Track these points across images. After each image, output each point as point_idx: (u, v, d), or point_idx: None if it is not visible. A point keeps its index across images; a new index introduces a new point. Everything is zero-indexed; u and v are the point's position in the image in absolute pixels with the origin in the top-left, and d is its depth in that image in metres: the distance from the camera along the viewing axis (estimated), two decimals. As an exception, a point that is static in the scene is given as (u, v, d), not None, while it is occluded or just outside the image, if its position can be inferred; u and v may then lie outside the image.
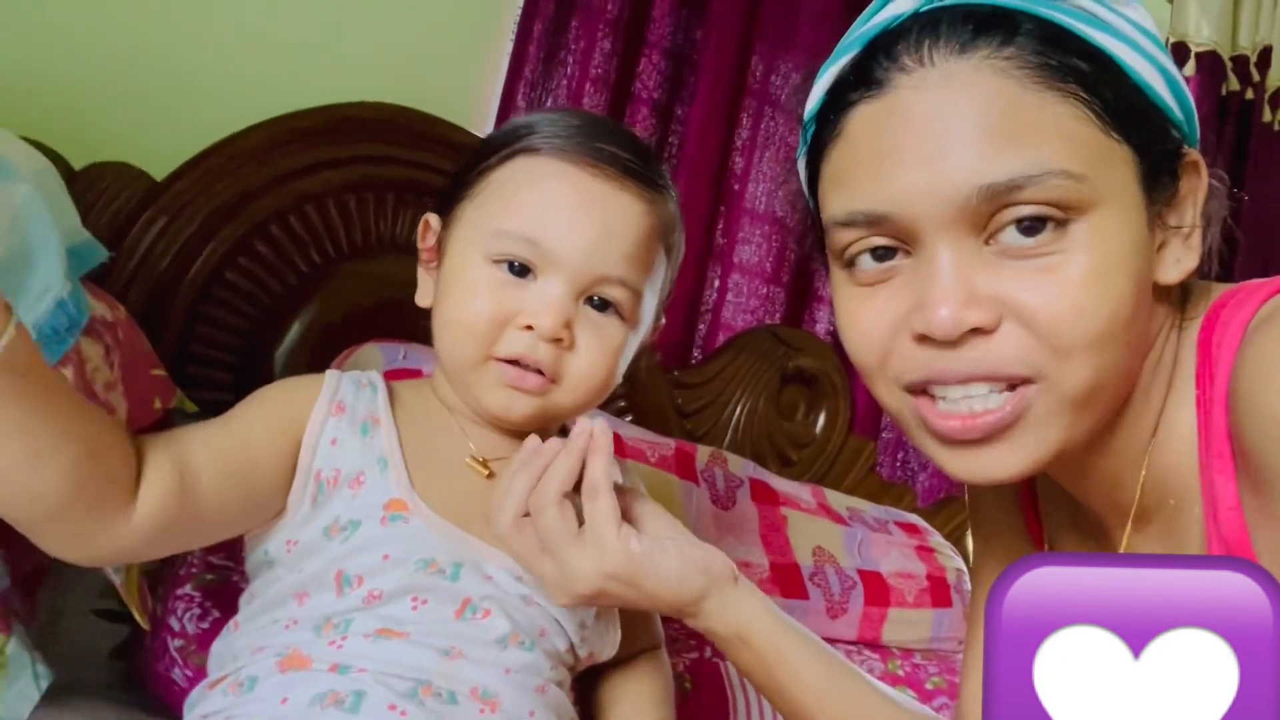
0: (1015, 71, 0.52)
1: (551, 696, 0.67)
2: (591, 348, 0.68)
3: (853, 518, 1.41)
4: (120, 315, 0.93)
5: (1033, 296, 0.52)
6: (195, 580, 0.93)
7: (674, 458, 1.30)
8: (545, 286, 0.67)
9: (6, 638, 0.72)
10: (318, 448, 0.66)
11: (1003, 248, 0.53)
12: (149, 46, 1.29)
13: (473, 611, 0.65)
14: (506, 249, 0.67)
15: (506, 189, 0.69)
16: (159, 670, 0.90)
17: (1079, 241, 0.52)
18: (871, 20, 0.57)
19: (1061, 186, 0.51)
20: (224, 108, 1.26)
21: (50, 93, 1.22)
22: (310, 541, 0.65)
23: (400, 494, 0.66)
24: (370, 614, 0.63)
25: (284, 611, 0.64)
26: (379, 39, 1.45)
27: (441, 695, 0.61)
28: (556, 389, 0.68)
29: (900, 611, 1.30)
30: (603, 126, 0.72)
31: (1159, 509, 0.60)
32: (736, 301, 1.69)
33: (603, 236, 0.67)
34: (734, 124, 1.67)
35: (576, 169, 0.68)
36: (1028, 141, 0.52)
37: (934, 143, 0.53)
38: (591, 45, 1.54)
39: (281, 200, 1.21)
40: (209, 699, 0.64)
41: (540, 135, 0.69)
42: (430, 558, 0.65)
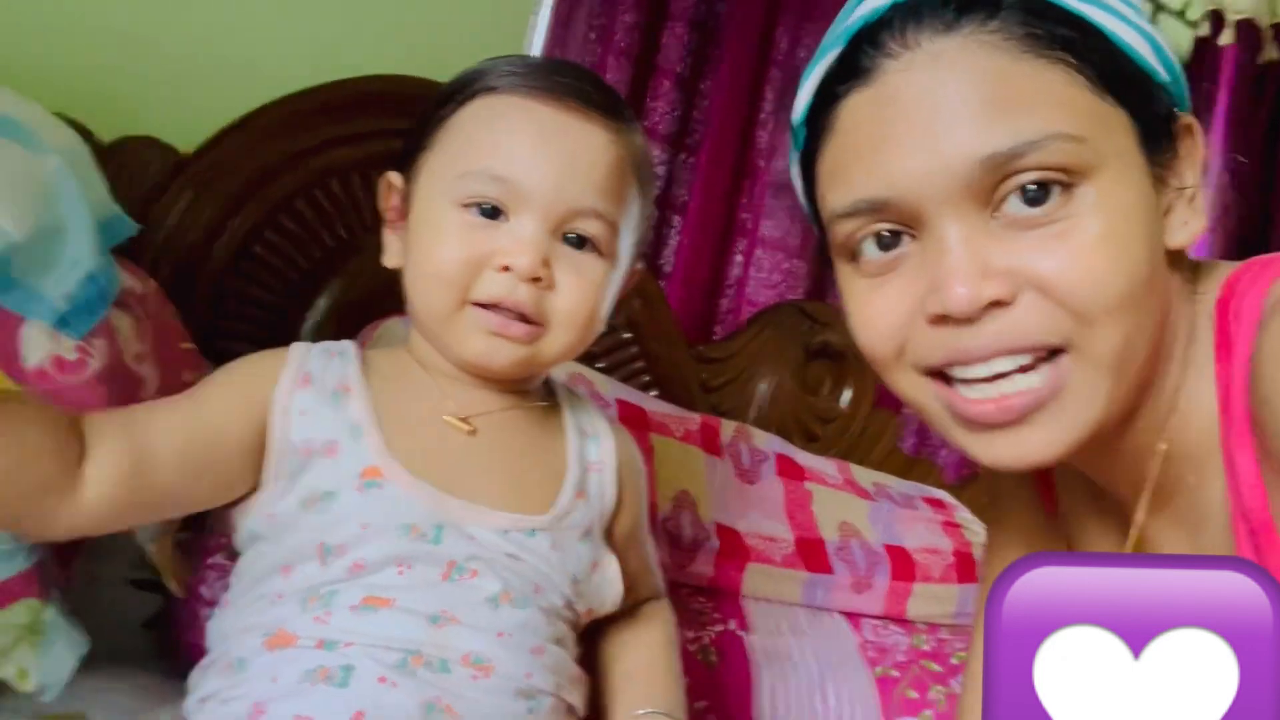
0: (1002, 44, 0.52)
1: (550, 657, 0.66)
2: (573, 285, 0.66)
3: (879, 493, 1.41)
4: (150, 288, 0.95)
5: (1048, 264, 0.51)
6: (226, 550, 0.95)
7: (699, 432, 1.30)
8: (518, 225, 0.64)
9: (45, 606, 0.74)
10: (288, 421, 0.65)
11: (1010, 219, 0.52)
12: (175, 21, 1.29)
13: (460, 573, 0.63)
14: (475, 190, 0.64)
15: (467, 130, 0.67)
16: (191, 639, 0.92)
17: (1087, 205, 0.52)
18: (852, 15, 0.57)
19: (1063, 150, 0.51)
20: (249, 81, 1.26)
21: (78, 68, 1.23)
22: (287, 515, 0.64)
23: (375, 460, 0.64)
24: (355, 584, 0.62)
25: (270, 585, 0.63)
26: (402, 13, 1.45)
27: (433, 664, 0.60)
28: (545, 333, 0.66)
29: (926, 587, 1.30)
30: (559, 62, 0.71)
31: (1179, 487, 0.59)
32: (760, 276, 1.67)
33: (571, 168, 0.65)
34: (758, 97, 1.65)
35: (538, 103, 0.66)
36: (1023, 109, 0.51)
37: (929, 122, 0.52)
38: (614, 18, 1.52)
39: (307, 174, 1.22)
40: (205, 681, 0.64)
41: (496, 75, 0.67)
42: (410, 522, 0.63)
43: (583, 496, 0.72)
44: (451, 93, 0.69)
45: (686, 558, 1.17)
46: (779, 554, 1.23)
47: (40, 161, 0.78)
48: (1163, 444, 0.57)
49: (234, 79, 1.31)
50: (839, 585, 1.24)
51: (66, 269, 0.76)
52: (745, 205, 1.66)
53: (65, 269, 0.76)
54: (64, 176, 0.78)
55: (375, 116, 1.26)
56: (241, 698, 0.60)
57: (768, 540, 1.23)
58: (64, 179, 0.78)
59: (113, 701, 0.82)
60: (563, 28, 1.50)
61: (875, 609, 1.27)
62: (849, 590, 1.25)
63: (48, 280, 0.74)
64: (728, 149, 1.62)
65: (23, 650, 0.72)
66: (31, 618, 0.73)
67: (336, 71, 1.25)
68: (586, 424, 0.76)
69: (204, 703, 0.63)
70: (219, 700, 0.62)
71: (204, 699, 0.63)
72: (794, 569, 1.22)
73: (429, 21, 1.46)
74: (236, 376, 0.68)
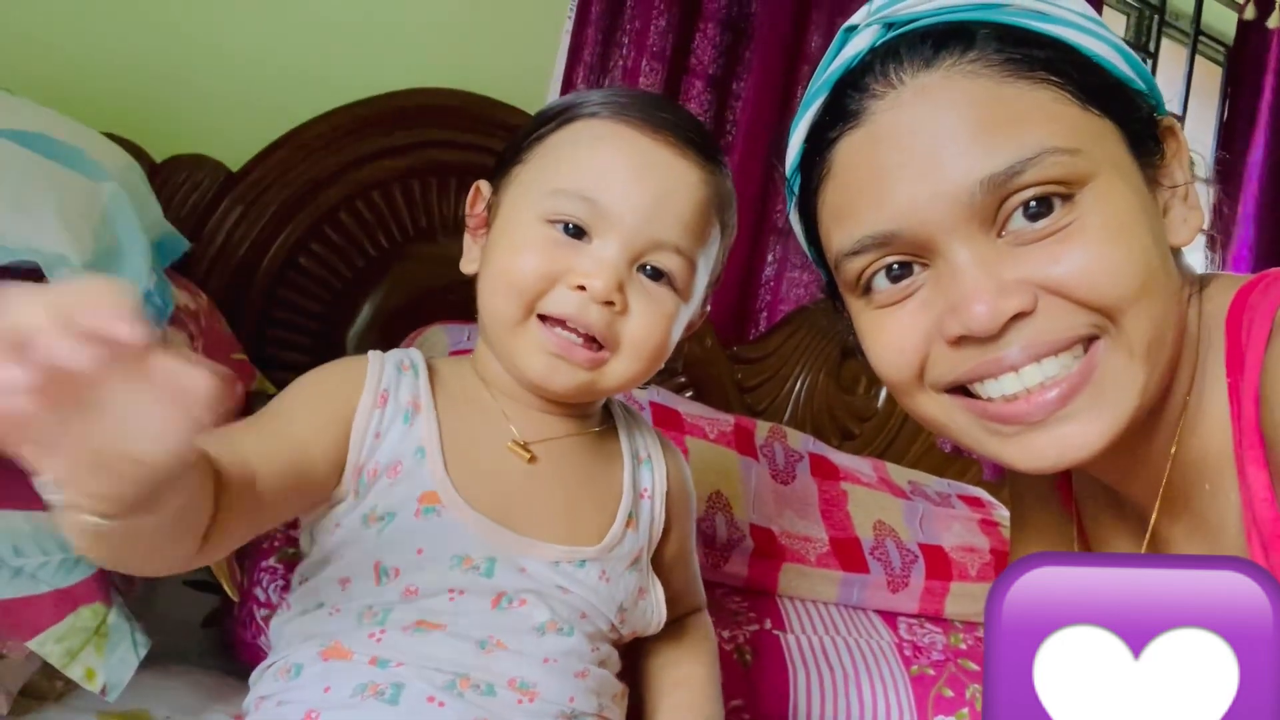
0: (984, 71, 0.54)
1: (593, 680, 0.67)
2: (645, 312, 0.65)
3: (914, 491, 1.40)
4: (202, 303, 0.98)
5: (1060, 268, 0.52)
6: (279, 554, 0.98)
7: (733, 433, 1.31)
8: (600, 248, 0.64)
9: (108, 608, 0.77)
10: (364, 443, 0.64)
11: (1016, 236, 0.53)
12: (221, 41, 1.33)
13: (509, 601, 0.64)
14: (562, 208, 0.64)
15: (564, 149, 0.67)
16: (246, 638, 0.96)
17: (1088, 208, 0.52)
18: (832, 65, 0.58)
19: (1059, 163, 0.52)
20: (293, 98, 1.30)
21: (130, 87, 1.28)
22: (350, 529, 0.64)
23: (434, 486, 0.64)
24: (409, 607, 0.63)
25: (329, 595, 0.64)
26: (440, 26, 1.47)
27: (480, 687, 0.61)
28: (611, 358, 0.66)
29: (963, 585, 1.29)
30: (661, 98, 0.71)
31: (1196, 493, 0.60)
32: (793, 275, 1.68)
33: (660, 201, 0.65)
34: (789, 95, 1.64)
35: (636, 132, 0.66)
36: (1015, 129, 0.52)
37: (924, 153, 0.53)
38: (648, 21, 1.54)
39: (349, 187, 1.25)
40: (264, 681, 0.66)
41: (597, 102, 0.68)
42: (464, 553, 0.64)
43: (633, 525, 0.72)
44: (554, 114, 0.69)
45: (721, 558, 1.18)
46: (814, 554, 1.23)
47: (99, 188, 0.82)
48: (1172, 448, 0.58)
49: (278, 95, 1.34)
50: (874, 584, 1.24)
51: (124, 290, 0.79)
52: (778, 204, 1.66)
53: (123, 290, 0.79)
54: (120, 201, 0.82)
55: (415, 128, 1.29)
56: (296, 702, 0.62)
57: (803, 540, 1.24)
58: (120, 204, 0.82)
59: (172, 699, 0.85)
60: (599, 36, 1.51)
61: (911, 608, 1.27)
62: (885, 589, 1.25)
63: (107, 300, 0.78)
64: (760, 148, 1.62)
65: (89, 652, 0.75)
66: (97, 621, 0.76)
67: (376, 84, 1.29)
68: (641, 448, 0.76)
69: (261, 701, 0.65)
70: (275, 702, 0.64)
71: (262, 698, 0.66)
72: (829, 569, 1.23)
73: (467, 31, 1.49)
74: (320, 394, 0.66)
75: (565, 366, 0.64)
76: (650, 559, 0.75)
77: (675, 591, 0.77)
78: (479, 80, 1.37)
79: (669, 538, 0.76)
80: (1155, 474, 0.60)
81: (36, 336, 0.33)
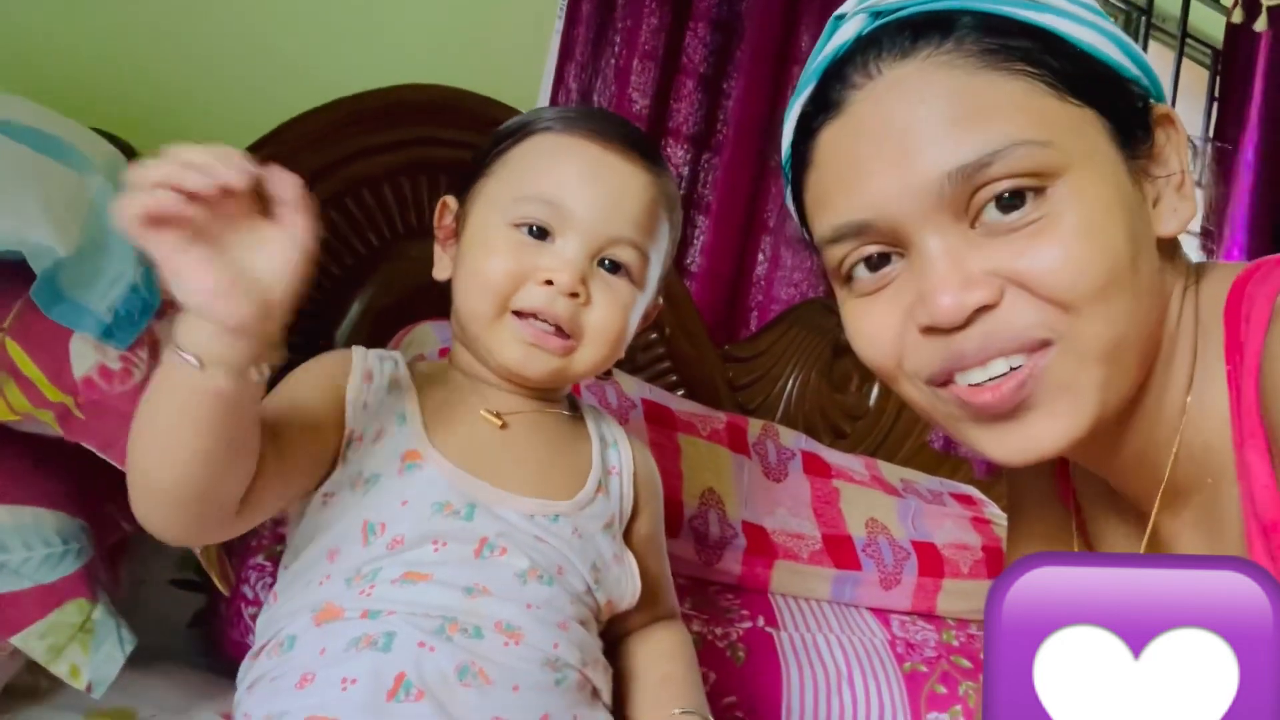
0: (960, 62, 0.54)
1: (574, 633, 0.70)
2: (606, 304, 0.72)
3: (906, 489, 1.41)
4: (189, 299, 0.97)
5: (1027, 261, 0.53)
6: (266, 551, 0.97)
7: (725, 431, 1.31)
8: (563, 246, 0.71)
9: (93, 605, 0.77)
10: (356, 413, 0.71)
11: (989, 227, 0.54)
12: (210, 35, 1.32)
13: (490, 550, 0.68)
14: (527, 212, 0.71)
15: (525, 161, 0.74)
16: (233, 637, 0.95)
17: (1061, 203, 0.53)
18: (822, 52, 0.59)
19: (1029, 155, 0.52)
20: (282, 94, 1.29)
21: (116, 83, 1.27)
22: (339, 493, 0.69)
23: (415, 445, 0.70)
24: (395, 560, 0.66)
25: (317, 572, 0.67)
26: (431, 22, 1.47)
27: (467, 630, 0.65)
28: (578, 346, 0.72)
29: (955, 583, 1.30)
30: (606, 112, 0.80)
31: (1197, 487, 0.59)
32: (783, 274, 1.68)
33: (614, 201, 0.72)
34: (780, 95, 1.65)
35: (588, 142, 0.73)
36: (985, 120, 0.53)
37: (897, 145, 0.54)
38: (639, 20, 1.54)
39: (339, 184, 1.24)
40: (256, 666, 0.67)
41: (552, 118, 0.76)
42: (444, 500, 0.68)
43: (603, 492, 0.77)
44: (512, 130, 0.77)
45: (714, 556, 1.18)
46: (806, 551, 1.23)
47: (84, 179, 0.81)
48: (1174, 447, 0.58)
49: (267, 90, 1.34)
50: (867, 582, 1.25)
51: (110, 283, 0.78)
52: (768, 203, 1.67)
53: (109, 283, 0.78)
54: (107, 194, 0.81)
55: (404, 125, 1.28)
56: (290, 672, 0.64)
57: (795, 538, 1.24)
58: (108, 197, 0.81)
59: (159, 698, 0.85)
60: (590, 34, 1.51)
61: (904, 605, 1.27)
62: (877, 587, 1.25)
63: (93, 294, 0.77)
64: (750, 148, 1.63)
65: (74, 649, 0.75)
66: (82, 617, 0.76)
67: (366, 81, 1.28)
68: (608, 434, 0.82)
69: (253, 688, 0.66)
70: (268, 680, 0.65)
71: (253, 684, 0.66)
72: (822, 566, 1.23)
73: (458, 28, 1.48)
74: (318, 374, 0.73)
75: (540, 354, 0.71)
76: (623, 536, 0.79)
77: (650, 579, 0.80)
78: (470, 78, 1.36)
79: (639, 519, 0.81)
80: (1156, 472, 0.60)
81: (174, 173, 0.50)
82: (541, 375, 0.72)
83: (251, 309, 0.54)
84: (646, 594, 0.79)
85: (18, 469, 0.78)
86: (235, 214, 0.54)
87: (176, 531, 0.62)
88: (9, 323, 0.74)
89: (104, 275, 0.79)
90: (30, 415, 0.74)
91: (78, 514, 0.80)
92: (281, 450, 0.65)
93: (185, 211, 0.50)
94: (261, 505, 0.65)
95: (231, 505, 0.62)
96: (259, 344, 0.56)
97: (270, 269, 0.55)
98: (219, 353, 0.55)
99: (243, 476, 0.61)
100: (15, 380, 0.73)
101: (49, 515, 0.77)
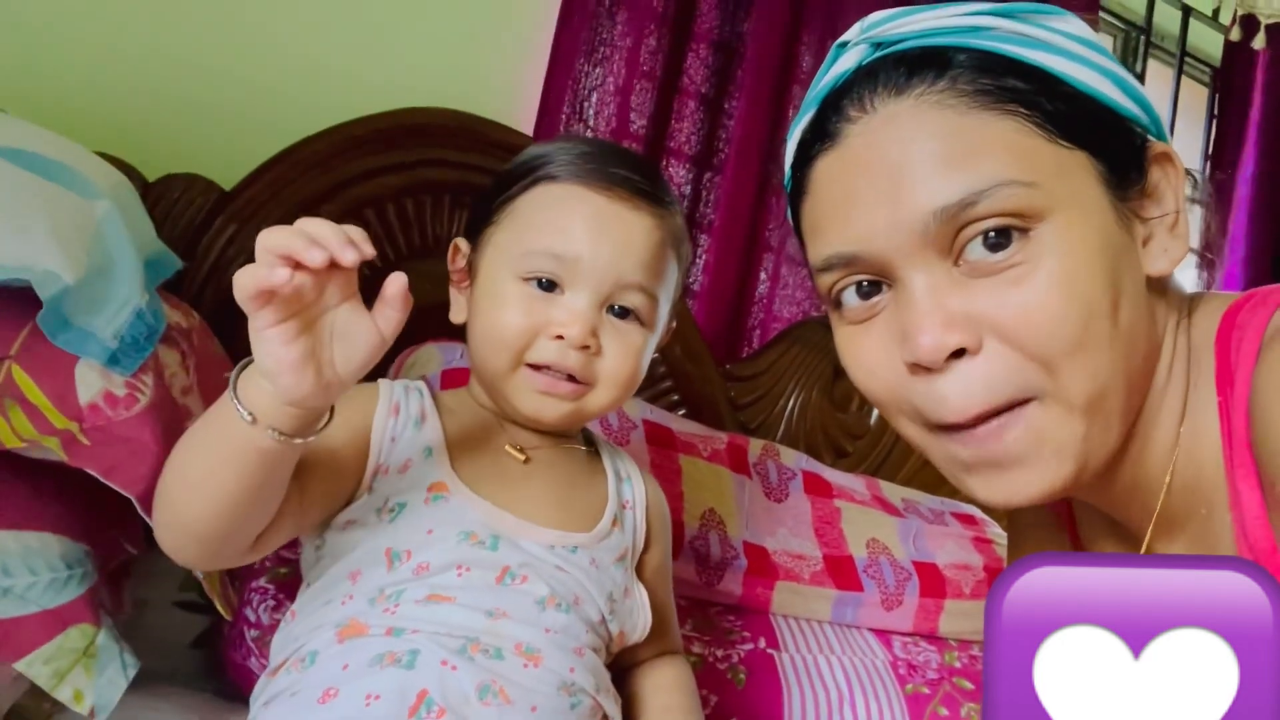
0: (952, 101, 0.55)
1: (589, 660, 0.71)
2: (617, 351, 0.74)
3: (908, 509, 1.40)
4: (194, 322, 0.98)
5: (1005, 311, 0.53)
6: (269, 574, 0.97)
7: (726, 451, 1.31)
8: (572, 299, 0.73)
9: (97, 629, 0.77)
10: (383, 446, 0.73)
11: (972, 266, 0.54)
12: (214, 61, 1.34)
13: (511, 578, 0.70)
14: (535, 266, 0.73)
15: (531, 213, 0.75)
16: (236, 659, 0.95)
17: (1044, 248, 0.53)
18: (823, 80, 0.60)
19: (1014, 195, 0.53)
20: (286, 116, 1.31)
21: (123, 107, 1.28)
22: (363, 521, 0.71)
23: (442, 477, 0.72)
24: (420, 583, 0.68)
25: (339, 591, 0.69)
26: (433, 45, 1.48)
27: (489, 651, 0.66)
28: (590, 392, 0.75)
29: (957, 603, 1.29)
30: (613, 151, 0.78)
31: (1191, 517, 0.60)
32: (785, 293, 1.69)
33: (620, 250, 0.73)
34: (781, 115, 1.66)
35: (593, 192, 0.74)
36: (972, 161, 0.54)
37: (887, 181, 0.55)
38: (639, 40, 1.55)
39: (343, 205, 1.25)
40: (274, 683, 0.67)
41: (556, 164, 0.76)
42: (470, 530, 0.70)
43: (618, 526, 0.79)
44: (517, 175, 0.78)
45: (715, 576, 1.18)
46: (808, 572, 1.23)
47: (90, 206, 0.82)
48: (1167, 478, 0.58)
49: (270, 115, 1.35)
50: (869, 603, 1.24)
51: (116, 308, 0.79)
52: (770, 223, 1.68)
53: (115, 308, 0.79)
54: (113, 219, 0.82)
55: (408, 148, 1.29)
56: (312, 686, 0.64)
57: (796, 558, 1.24)
58: (113, 222, 0.82)
59: (162, 721, 0.84)
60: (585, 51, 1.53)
61: (906, 626, 1.27)
62: (879, 608, 1.25)
63: (98, 320, 0.78)
64: (752, 167, 1.64)
65: (78, 673, 0.74)
66: (86, 642, 0.75)
67: (367, 104, 1.29)
68: (622, 470, 0.84)
69: (271, 703, 0.66)
70: (288, 695, 0.65)
71: (270, 700, 0.66)
72: (823, 586, 1.23)
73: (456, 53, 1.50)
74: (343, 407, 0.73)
75: (552, 401, 0.73)
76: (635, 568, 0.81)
77: (657, 615, 0.81)
78: (472, 100, 1.38)
79: (650, 551, 0.83)
80: (1150, 501, 0.61)
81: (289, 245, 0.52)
82: (555, 420, 0.75)
83: (316, 388, 0.56)
84: (655, 626, 0.81)
85: (22, 494, 0.79)
86: (340, 287, 0.57)
87: (191, 558, 0.65)
88: (15, 349, 0.75)
89: (110, 302, 0.80)
90: (35, 441, 0.74)
91: (82, 539, 0.80)
92: (304, 488, 0.66)
93: (291, 284, 0.53)
94: (276, 539, 0.67)
95: (250, 541, 0.64)
96: (314, 415, 0.59)
97: (347, 355, 0.57)
98: (273, 416, 0.57)
99: (267, 519, 0.64)
100: (21, 406, 0.74)
101: (54, 540, 0.77)
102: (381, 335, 0.58)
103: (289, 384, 0.55)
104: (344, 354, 0.57)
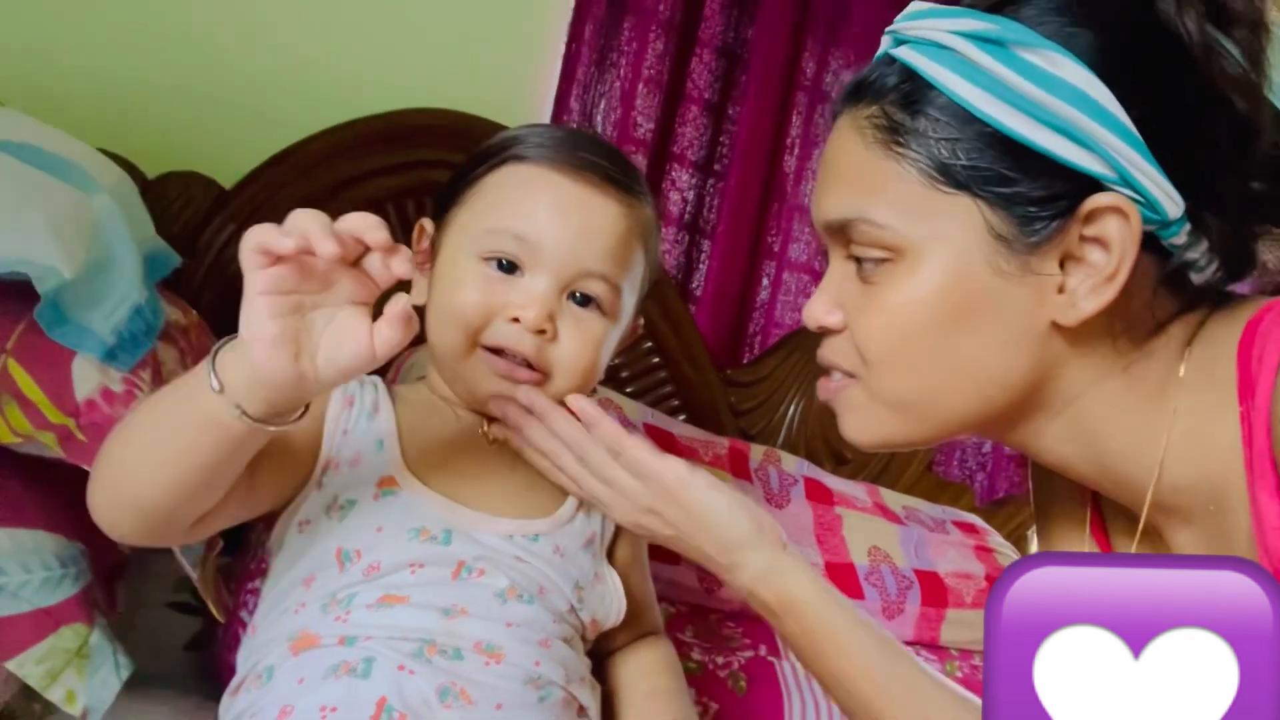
0: (865, 128, 0.61)
1: (557, 651, 0.70)
2: (574, 338, 0.72)
3: (909, 517, 1.40)
4: (192, 319, 0.98)
5: (857, 314, 0.63)
6: (264, 575, 0.97)
7: (728, 457, 1.31)
8: (531, 282, 0.71)
9: (90, 629, 0.76)
10: (335, 438, 0.71)
11: (860, 265, 0.63)
12: (215, 60, 1.34)
13: (468, 571, 0.68)
14: (496, 246, 0.71)
15: (496, 192, 0.74)
16: (230, 661, 0.93)
17: (892, 278, 0.60)
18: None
19: (868, 232, 0.60)
20: (286, 115, 1.31)
21: (123, 105, 1.28)
22: (313, 522, 0.69)
23: (392, 471, 0.70)
24: (372, 585, 0.66)
25: (292, 599, 0.67)
26: (436, 45, 1.48)
27: (447, 652, 0.64)
28: (548, 382, 0.73)
29: (958, 612, 1.29)
30: (584, 137, 0.78)
31: (1200, 511, 0.60)
32: (787, 299, 1.69)
33: (583, 235, 0.72)
34: (785, 121, 1.66)
35: (560, 175, 0.72)
36: (850, 191, 0.62)
37: (820, 179, 0.65)
38: (644, 46, 1.55)
39: (343, 205, 1.24)
40: (235, 703, 0.66)
41: (526, 145, 0.74)
42: (421, 526, 0.68)
43: (584, 510, 0.77)
44: (485, 155, 0.76)
45: (716, 582, 1.17)
46: (809, 578, 1.22)
47: (90, 200, 0.82)
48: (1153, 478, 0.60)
49: (272, 113, 1.35)
50: (870, 611, 1.23)
51: (114, 304, 0.79)
52: (773, 229, 1.68)
53: (113, 304, 0.79)
54: (112, 215, 0.82)
55: (409, 148, 1.29)
56: (270, 705, 0.63)
57: (797, 565, 1.23)
58: (112, 217, 0.82)
59: (155, 723, 0.84)
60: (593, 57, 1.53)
61: (907, 635, 1.26)
62: (880, 616, 1.24)
63: (96, 315, 0.77)
64: (755, 174, 1.64)
65: (70, 674, 0.74)
66: (78, 642, 0.75)
67: (370, 104, 1.29)
68: None
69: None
70: (248, 716, 0.64)
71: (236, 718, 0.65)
72: (824, 593, 1.22)
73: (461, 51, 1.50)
74: None
75: (510, 387, 0.72)
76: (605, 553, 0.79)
77: (635, 598, 0.80)
78: (475, 102, 1.38)
79: (621, 540, 0.81)
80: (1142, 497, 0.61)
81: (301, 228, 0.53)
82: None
83: (290, 373, 0.55)
84: (630, 613, 0.79)
85: (16, 491, 0.78)
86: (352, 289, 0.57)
87: (125, 530, 0.63)
88: (11, 344, 0.74)
89: (108, 297, 0.79)
90: (31, 437, 0.74)
91: (76, 537, 0.80)
92: (253, 474, 0.64)
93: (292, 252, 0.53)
94: (218, 523, 0.65)
95: (191, 521, 0.62)
96: (283, 405, 0.57)
97: (331, 354, 0.56)
98: (242, 393, 0.55)
99: (213, 500, 0.62)
100: (17, 401, 0.73)
101: (48, 538, 0.77)
102: (373, 349, 0.56)
103: (261, 357, 0.54)
104: (329, 352, 0.56)
